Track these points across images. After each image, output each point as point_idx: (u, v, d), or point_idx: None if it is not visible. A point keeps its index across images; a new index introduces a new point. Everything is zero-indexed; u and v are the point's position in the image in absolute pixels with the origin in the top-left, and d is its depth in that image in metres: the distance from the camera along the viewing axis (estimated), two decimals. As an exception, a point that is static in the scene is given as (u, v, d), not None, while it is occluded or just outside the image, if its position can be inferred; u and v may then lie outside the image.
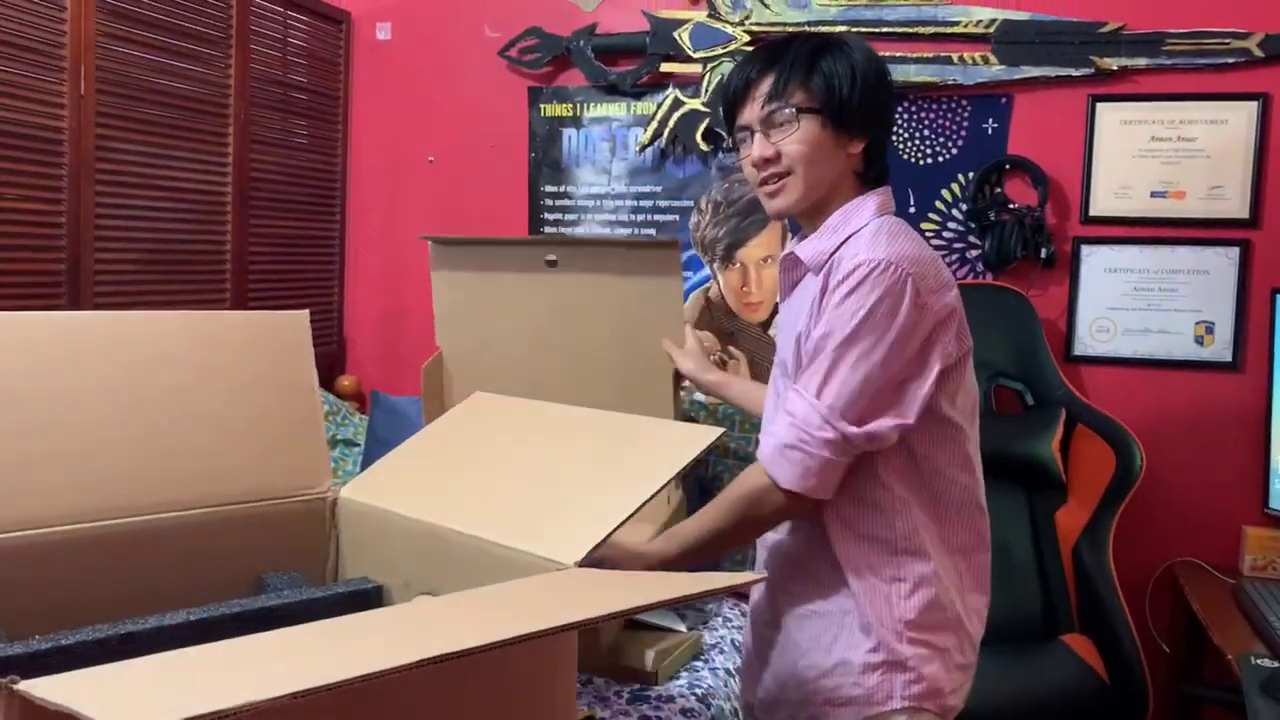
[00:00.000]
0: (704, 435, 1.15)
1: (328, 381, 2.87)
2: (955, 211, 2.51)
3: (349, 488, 1.39)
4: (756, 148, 1.37)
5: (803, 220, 1.43)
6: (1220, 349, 2.38)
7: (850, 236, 1.35)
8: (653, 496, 1.08)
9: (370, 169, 3.00)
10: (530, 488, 1.20)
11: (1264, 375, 2.28)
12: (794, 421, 1.25)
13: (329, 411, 2.63)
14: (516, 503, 1.18)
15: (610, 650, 1.63)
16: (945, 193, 2.51)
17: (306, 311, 1.42)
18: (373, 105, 2.99)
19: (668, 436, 1.19)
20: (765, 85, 1.36)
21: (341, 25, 2.95)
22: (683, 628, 1.86)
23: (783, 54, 1.38)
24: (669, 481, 1.09)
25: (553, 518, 1.11)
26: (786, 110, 1.35)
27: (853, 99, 1.36)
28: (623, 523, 1.06)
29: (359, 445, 2.56)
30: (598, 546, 1.02)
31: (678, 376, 1.76)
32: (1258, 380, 2.31)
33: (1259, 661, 1.69)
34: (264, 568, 1.33)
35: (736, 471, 2.38)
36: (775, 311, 2.66)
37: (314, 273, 2.93)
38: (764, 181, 1.39)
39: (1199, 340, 2.39)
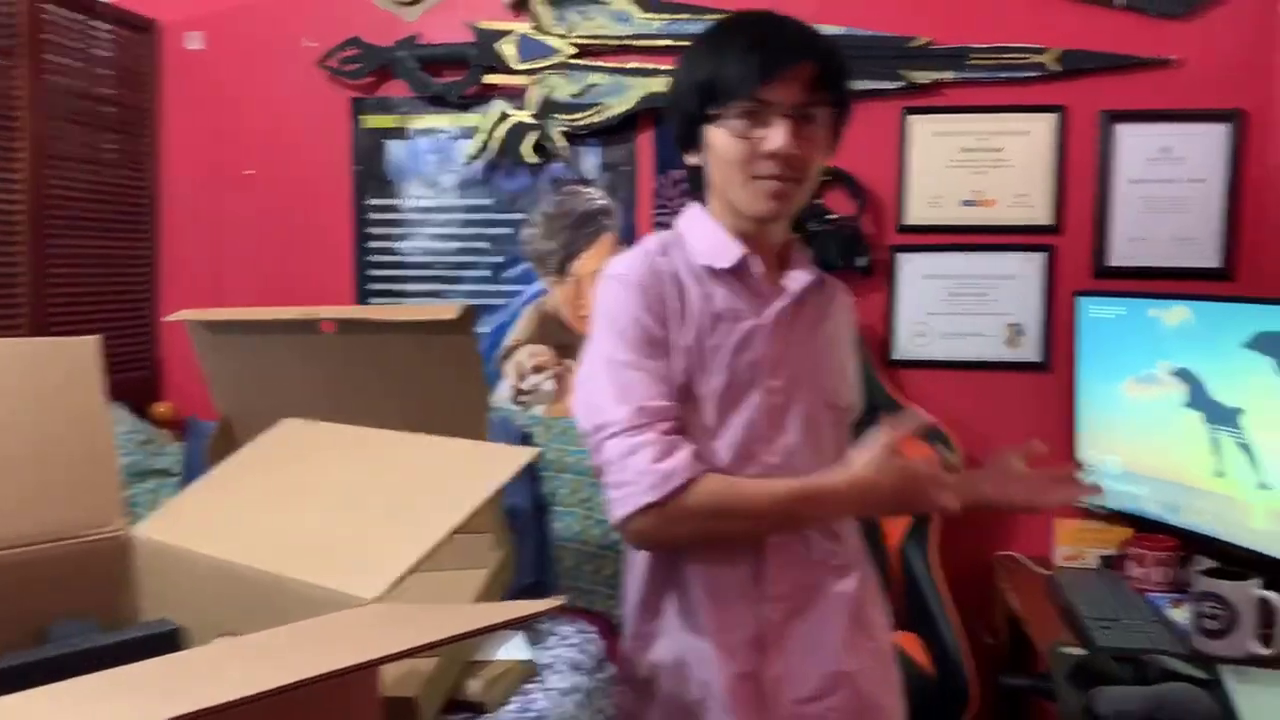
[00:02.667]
0: (518, 456, 1.12)
1: (142, 408, 2.71)
2: (781, 222, 2.55)
3: (146, 524, 1.30)
4: (785, 138, 1.19)
5: (758, 229, 1.30)
6: (1029, 350, 2.50)
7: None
8: (466, 518, 1.05)
9: (184, 184, 2.86)
10: (338, 518, 1.15)
11: (1069, 374, 2.40)
12: None
13: (142, 440, 2.48)
14: (322, 535, 1.13)
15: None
16: (770, 204, 2.55)
17: (97, 337, 1.33)
18: (185, 118, 2.85)
19: (482, 458, 1.16)
20: (810, 70, 1.21)
21: (149, 34, 2.81)
22: (529, 655, 1.82)
23: (813, 41, 1.24)
24: (483, 502, 1.06)
25: (358, 550, 1.07)
26: (824, 110, 1.23)
27: (848, 115, 1.29)
28: (432, 549, 1.03)
29: (177, 475, 2.43)
30: (401, 579, 0.98)
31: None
32: (1064, 379, 2.43)
33: (1066, 650, 1.77)
34: (53, 615, 1.23)
35: (575, 487, 2.38)
36: (609, 324, 2.65)
37: (125, 294, 2.77)
38: (770, 177, 1.22)
39: (1009, 342, 2.50)
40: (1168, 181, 2.42)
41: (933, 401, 2.49)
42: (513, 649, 1.84)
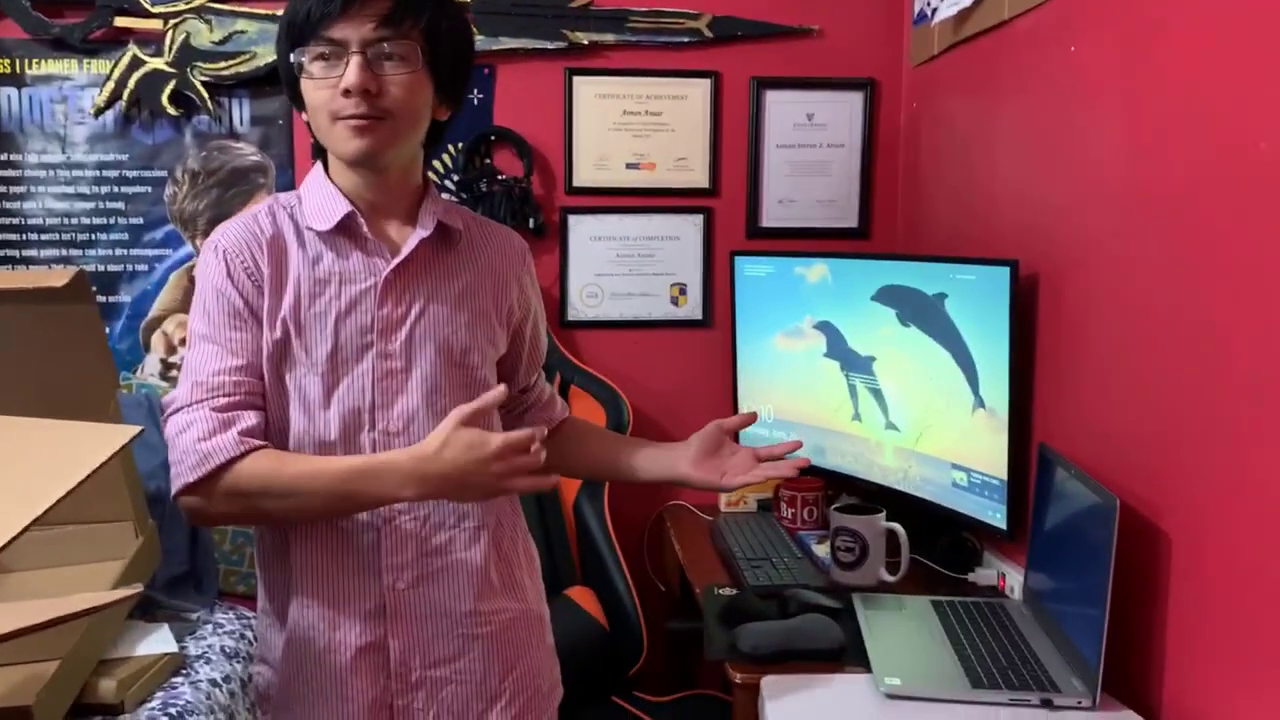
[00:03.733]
0: (116, 436, 1.02)
1: None
2: (448, 182, 2.50)
3: None
4: (356, 73, 1.16)
5: (372, 182, 1.26)
6: (693, 308, 2.60)
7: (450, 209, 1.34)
8: (49, 508, 0.94)
9: None
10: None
11: (729, 330, 2.51)
12: None
13: None
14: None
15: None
16: (437, 164, 2.49)
17: None
18: None
19: (75, 440, 1.05)
20: (383, 6, 1.17)
21: None
22: (174, 648, 1.70)
23: None
24: (69, 490, 0.95)
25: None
26: (404, 44, 1.19)
27: (460, 62, 1.27)
28: (9, 543, 0.91)
29: None
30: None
31: None
32: (724, 334, 2.54)
33: (720, 591, 1.86)
34: None
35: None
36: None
37: None
38: (350, 116, 1.18)
39: (674, 301, 2.59)
40: (812, 146, 2.58)
41: (606, 360, 2.55)
42: (156, 643, 1.71)
